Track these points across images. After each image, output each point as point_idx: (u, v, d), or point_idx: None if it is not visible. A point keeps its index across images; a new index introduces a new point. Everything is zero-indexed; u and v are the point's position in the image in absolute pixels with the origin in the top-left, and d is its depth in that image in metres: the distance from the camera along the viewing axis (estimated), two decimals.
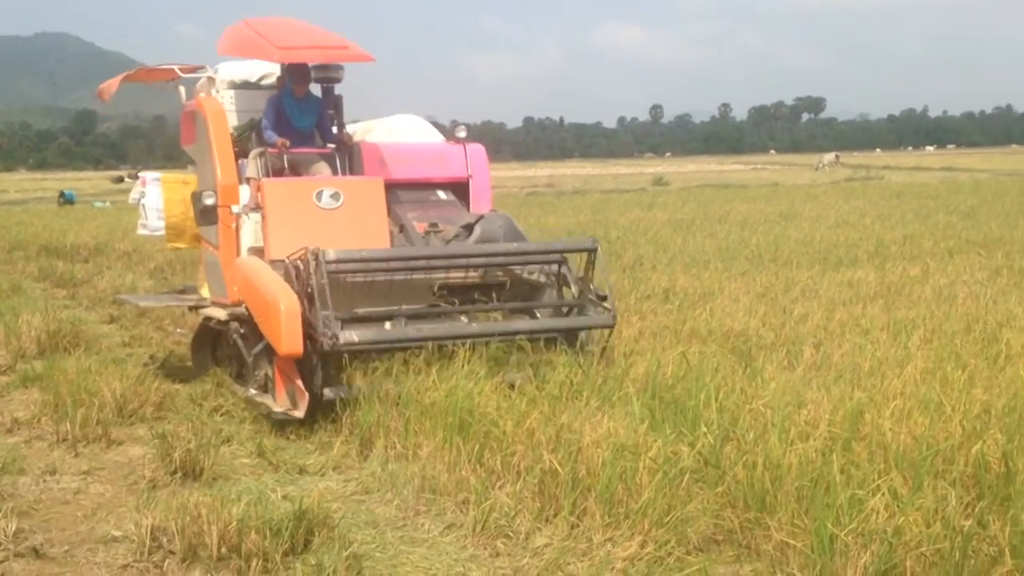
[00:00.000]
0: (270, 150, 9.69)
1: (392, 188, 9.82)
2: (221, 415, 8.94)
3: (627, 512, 5.69)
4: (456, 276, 9.21)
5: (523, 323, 8.94)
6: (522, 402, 7.03)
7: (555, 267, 9.21)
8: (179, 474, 7.28)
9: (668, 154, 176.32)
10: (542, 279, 9.36)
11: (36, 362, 10.99)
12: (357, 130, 10.95)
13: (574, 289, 9.06)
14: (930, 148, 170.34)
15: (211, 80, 10.21)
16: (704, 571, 5.28)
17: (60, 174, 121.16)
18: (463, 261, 9.11)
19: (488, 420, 6.93)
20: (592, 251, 9.00)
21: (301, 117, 10.01)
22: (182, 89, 10.57)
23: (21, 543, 6.08)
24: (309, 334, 7.97)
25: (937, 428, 6.23)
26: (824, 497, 5.30)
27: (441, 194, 10.36)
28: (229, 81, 10.55)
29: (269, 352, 8.41)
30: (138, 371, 9.93)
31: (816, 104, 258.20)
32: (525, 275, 9.43)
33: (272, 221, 9.08)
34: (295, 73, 9.93)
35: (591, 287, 9.01)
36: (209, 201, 9.32)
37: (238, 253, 9.33)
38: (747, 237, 21.62)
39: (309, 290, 8.05)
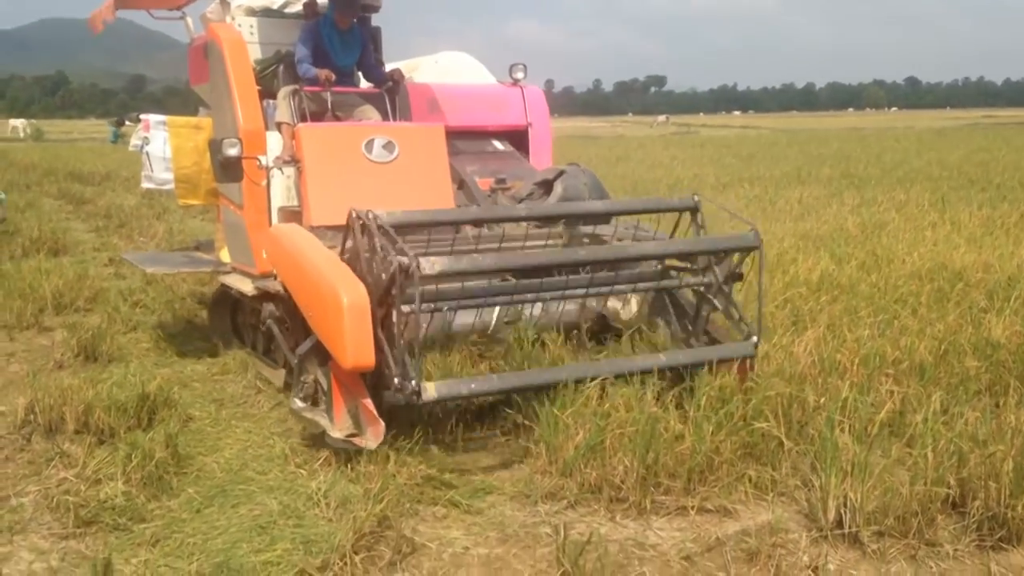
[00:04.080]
0: (308, 88, 5.96)
1: (446, 137, 5.92)
2: (140, 308, 7.95)
3: None
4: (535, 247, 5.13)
5: (655, 359, 4.63)
6: None
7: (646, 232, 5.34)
8: (81, 357, 6.35)
9: (555, 115, 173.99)
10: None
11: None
12: (400, 69, 6.67)
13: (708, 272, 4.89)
14: (737, 113, 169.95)
15: (225, 5, 6.39)
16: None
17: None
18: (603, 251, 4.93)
19: None
20: (694, 210, 4.94)
21: (344, 53, 6.14)
22: (189, 20, 6.61)
23: None
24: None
25: None
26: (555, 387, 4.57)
27: (498, 144, 6.60)
28: (247, 7, 6.62)
29: (320, 353, 4.46)
30: (81, 271, 8.85)
31: (660, 80, 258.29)
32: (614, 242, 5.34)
33: (312, 177, 5.43)
34: None
35: (731, 280, 4.85)
36: (232, 152, 5.40)
37: (268, 214, 5.65)
38: None
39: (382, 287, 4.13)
